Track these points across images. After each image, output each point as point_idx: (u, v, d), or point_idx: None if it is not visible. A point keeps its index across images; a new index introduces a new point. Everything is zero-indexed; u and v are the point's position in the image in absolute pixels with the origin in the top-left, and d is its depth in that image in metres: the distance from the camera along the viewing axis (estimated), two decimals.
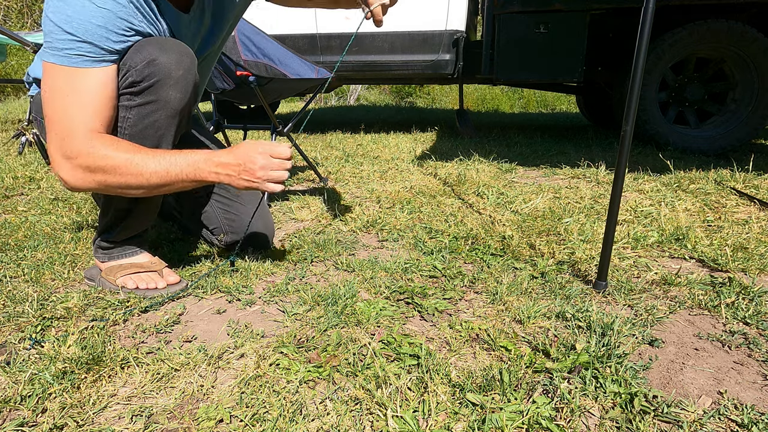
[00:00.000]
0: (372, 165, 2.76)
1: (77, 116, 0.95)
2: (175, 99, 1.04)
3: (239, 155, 1.02)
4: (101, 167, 0.96)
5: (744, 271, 1.26)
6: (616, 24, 3.44)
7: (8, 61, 7.60)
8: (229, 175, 1.02)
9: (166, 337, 0.96)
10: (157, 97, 1.02)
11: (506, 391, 0.77)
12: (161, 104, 1.03)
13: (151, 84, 1.00)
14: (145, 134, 1.05)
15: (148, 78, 1.00)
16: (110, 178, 0.97)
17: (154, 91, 1.01)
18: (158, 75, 1.00)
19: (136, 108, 1.03)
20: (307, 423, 0.71)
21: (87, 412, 0.73)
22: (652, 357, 0.88)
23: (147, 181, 0.99)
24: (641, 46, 1.00)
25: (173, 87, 1.02)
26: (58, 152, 0.97)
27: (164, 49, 1.01)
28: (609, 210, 1.10)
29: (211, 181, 1.04)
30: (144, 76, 0.99)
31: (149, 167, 0.98)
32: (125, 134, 1.05)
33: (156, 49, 1.00)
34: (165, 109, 1.04)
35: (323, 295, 1.10)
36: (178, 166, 1.00)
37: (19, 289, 1.14)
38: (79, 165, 0.96)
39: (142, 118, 1.04)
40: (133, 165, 0.97)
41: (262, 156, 1.02)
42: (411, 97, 10.81)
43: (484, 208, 1.87)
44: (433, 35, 3.89)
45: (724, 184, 2.14)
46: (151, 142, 1.07)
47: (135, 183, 0.98)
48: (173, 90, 1.03)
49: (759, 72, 3.00)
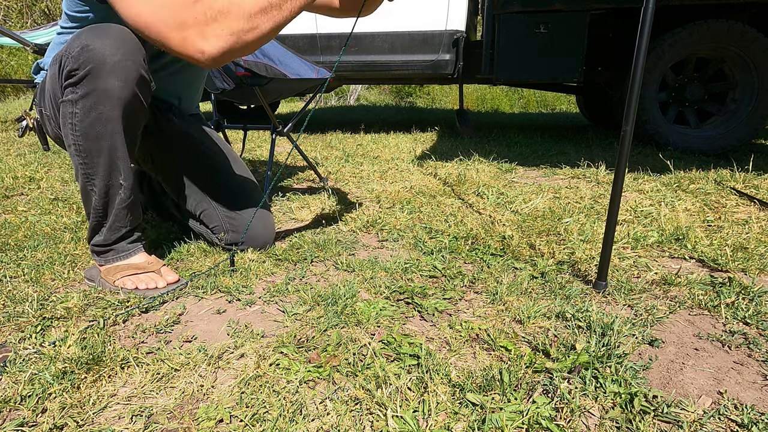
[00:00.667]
0: (372, 165, 2.76)
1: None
2: (114, 87, 0.97)
3: None
4: (221, 11, 0.91)
5: (744, 271, 1.26)
6: (616, 24, 3.44)
7: (8, 61, 7.61)
8: None
9: (166, 337, 0.96)
10: (94, 87, 0.97)
11: (506, 391, 0.77)
12: (100, 94, 0.97)
13: (87, 72, 0.95)
14: (96, 129, 1.01)
15: (83, 66, 0.95)
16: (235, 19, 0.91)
17: (91, 80, 0.96)
18: (92, 62, 0.95)
19: (80, 101, 0.98)
20: (307, 423, 0.71)
21: (87, 412, 0.73)
22: (652, 357, 0.88)
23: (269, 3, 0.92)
24: (641, 46, 1.00)
25: (110, 74, 0.96)
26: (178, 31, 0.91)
27: (100, 35, 0.95)
28: (609, 210, 1.10)
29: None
30: (79, 63, 0.95)
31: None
32: (77, 132, 1.02)
33: (91, 34, 0.95)
34: (106, 100, 0.98)
35: (323, 295, 1.10)
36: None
37: (19, 289, 1.14)
38: (203, 24, 0.91)
39: (87, 112, 0.99)
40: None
41: None
42: (411, 97, 10.81)
43: (484, 208, 1.87)
44: (433, 35, 3.89)
45: (724, 184, 2.14)
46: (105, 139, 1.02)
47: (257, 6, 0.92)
48: (111, 78, 0.96)
49: (759, 72, 3.00)
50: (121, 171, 1.10)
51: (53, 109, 1.13)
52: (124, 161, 1.10)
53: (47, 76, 1.10)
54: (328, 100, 9.91)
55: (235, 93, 2.00)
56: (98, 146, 1.05)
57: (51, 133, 1.22)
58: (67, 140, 1.06)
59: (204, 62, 0.95)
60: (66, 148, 1.15)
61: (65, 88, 1.00)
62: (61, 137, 1.18)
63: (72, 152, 1.07)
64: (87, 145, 1.05)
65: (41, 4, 8.61)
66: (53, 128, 1.18)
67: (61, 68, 0.98)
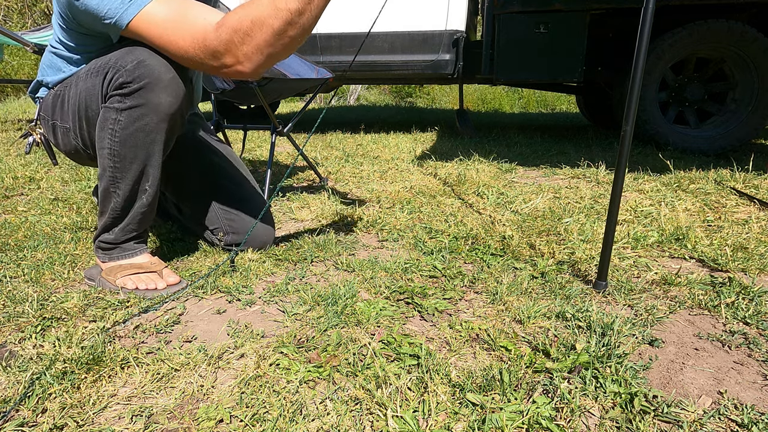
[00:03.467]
0: (372, 165, 2.76)
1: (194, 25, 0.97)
2: (165, 103, 1.03)
3: None
4: (245, 30, 0.94)
5: (744, 271, 1.26)
6: (616, 24, 3.44)
7: (8, 61, 7.61)
8: None
9: (166, 337, 0.96)
10: (146, 101, 1.02)
11: (506, 391, 0.77)
12: (151, 107, 1.02)
13: (141, 86, 1.00)
14: (136, 138, 1.05)
15: (137, 80, 1.00)
16: (261, 34, 0.94)
17: (143, 94, 1.01)
18: (148, 77, 1.00)
19: (126, 111, 1.02)
20: (307, 423, 0.71)
21: (87, 412, 0.73)
22: (652, 357, 0.88)
23: (289, 11, 0.93)
24: (641, 46, 1.00)
25: (163, 90, 1.02)
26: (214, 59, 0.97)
27: (155, 53, 1.01)
28: (609, 210, 1.10)
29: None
30: (134, 77, 0.99)
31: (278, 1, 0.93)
32: (116, 138, 1.05)
33: (146, 52, 1.01)
34: (155, 113, 1.03)
35: (323, 295, 1.10)
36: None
37: (19, 289, 1.14)
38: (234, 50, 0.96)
39: (133, 121, 1.03)
40: (264, 8, 0.93)
41: None
42: (411, 97, 10.81)
43: (484, 208, 1.87)
44: (433, 35, 3.89)
45: (724, 184, 2.14)
46: (142, 148, 1.07)
47: (282, 22, 0.93)
48: (163, 93, 1.02)
49: (759, 72, 3.00)
50: (150, 177, 1.14)
51: (78, 120, 1.15)
52: (155, 168, 1.13)
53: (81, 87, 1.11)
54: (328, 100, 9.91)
55: (235, 93, 2.00)
56: (134, 153, 1.09)
57: (62, 146, 1.23)
58: (101, 143, 1.09)
59: (248, 77, 1.02)
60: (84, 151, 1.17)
61: (110, 96, 1.04)
62: (75, 149, 1.20)
63: (104, 155, 1.09)
64: (123, 151, 1.08)
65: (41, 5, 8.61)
66: (72, 139, 1.19)
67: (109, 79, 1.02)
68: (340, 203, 1.94)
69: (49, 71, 1.19)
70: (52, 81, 1.19)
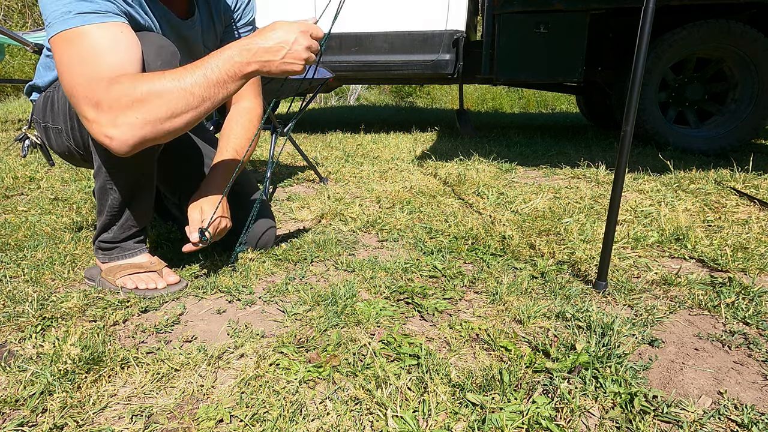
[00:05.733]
0: (372, 165, 2.76)
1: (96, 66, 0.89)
2: None
3: (279, 38, 0.93)
4: (138, 98, 0.87)
5: (744, 271, 1.26)
6: (616, 24, 3.44)
7: (8, 61, 7.61)
8: (270, 61, 0.94)
9: (166, 337, 0.96)
10: None
11: (506, 391, 0.77)
12: None
13: None
14: None
15: None
16: (153, 108, 0.88)
17: None
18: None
19: None
20: (307, 423, 0.71)
21: (87, 412, 0.73)
22: (652, 357, 0.88)
23: (191, 95, 0.90)
24: (641, 46, 1.00)
25: None
26: (92, 110, 0.88)
27: (142, 42, 0.98)
28: (609, 210, 1.10)
29: (251, 72, 0.94)
30: None
31: (186, 80, 0.90)
32: None
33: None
34: None
35: (323, 295, 1.10)
36: (215, 68, 0.92)
37: (19, 289, 1.14)
38: (117, 108, 0.87)
39: None
40: (169, 83, 0.89)
41: (305, 37, 0.95)
42: (411, 97, 10.81)
43: (484, 208, 1.87)
44: (433, 35, 3.89)
45: (724, 184, 2.14)
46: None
47: (181, 104, 0.90)
48: None
49: (759, 72, 3.00)
50: (146, 173, 1.13)
51: (69, 120, 1.13)
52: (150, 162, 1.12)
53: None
54: (328, 100, 9.92)
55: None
56: None
57: (56, 147, 1.22)
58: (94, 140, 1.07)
59: (113, 149, 0.91)
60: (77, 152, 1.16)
61: None
62: (68, 150, 1.20)
63: (99, 152, 1.07)
64: None
65: None
66: (65, 140, 1.18)
67: None
68: (340, 203, 1.94)
69: (43, 71, 1.18)
70: (43, 83, 1.18)
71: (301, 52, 0.95)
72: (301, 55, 0.95)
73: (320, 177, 2.36)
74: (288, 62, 0.95)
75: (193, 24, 1.17)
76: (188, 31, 1.16)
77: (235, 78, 0.94)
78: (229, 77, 0.93)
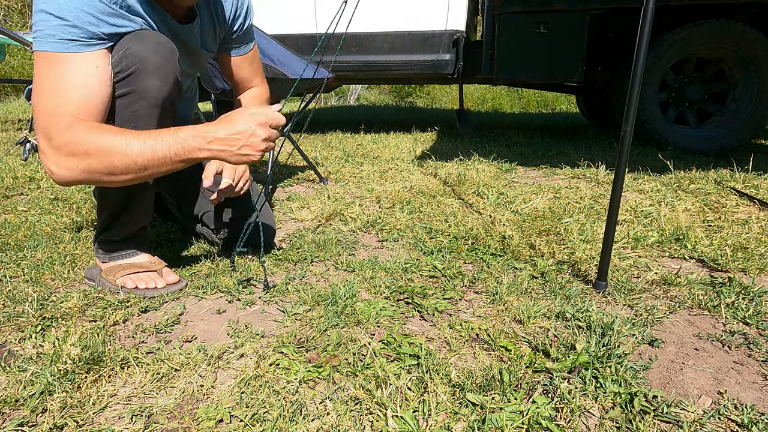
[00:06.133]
0: (372, 165, 2.76)
1: (62, 101, 0.92)
2: (153, 87, 1.01)
3: (237, 129, 0.95)
4: (85, 151, 0.91)
5: (744, 271, 1.26)
6: (616, 24, 3.44)
7: (8, 61, 7.61)
8: (225, 150, 0.95)
9: (166, 337, 0.96)
10: (135, 87, 1.00)
11: (506, 391, 0.77)
12: (140, 94, 1.01)
13: (129, 73, 0.99)
14: (127, 126, 1.03)
15: (125, 68, 0.98)
16: (94, 163, 0.91)
17: (132, 81, 1.00)
18: (135, 63, 0.98)
19: (117, 99, 1.01)
20: (307, 423, 0.71)
21: (87, 412, 0.73)
22: (652, 357, 0.88)
23: (134, 163, 0.92)
24: (641, 46, 1.00)
25: (151, 75, 1.00)
26: (44, 140, 0.93)
27: (140, 39, 0.99)
28: (609, 210, 1.10)
29: (202, 158, 0.97)
30: (121, 67, 0.98)
31: (133, 147, 0.92)
32: None
33: (131, 40, 0.99)
34: (145, 99, 1.01)
35: (323, 295, 1.10)
36: (165, 144, 0.93)
37: (19, 289, 1.14)
38: (63, 151, 0.91)
39: (124, 108, 1.02)
40: (116, 146, 0.91)
41: (263, 128, 0.97)
42: (411, 97, 10.81)
43: (484, 208, 1.87)
44: (433, 35, 3.89)
45: (724, 184, 2.14)
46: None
47: (121, 166, 0.92)
48: (151, 78, 1.00)
49: (759, 72, 3.00)
50: None
51: None
52: None
53: None
54: (328, 100, 9.92)
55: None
56: None
57: None
58: None
59: (53, 179, 0.96)
60: None
61: None
62: None
63: None
64: None
65: None
66: None
67: None
68: (340, 203, 1.94)
69: None
70: None
71: (258, 144, 0.97)
72: (259, 147, 0.97)
73: (320, 177, 2.36)
74: (244, 153, 0.97)
75: (192, 28, 1.17)
76: (187, 35, 1.16)
77: (183, 159, 0.95)
78: (177, 157, 0.95)
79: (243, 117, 0.96)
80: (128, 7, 0.99)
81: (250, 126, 0.96)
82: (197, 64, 1.30)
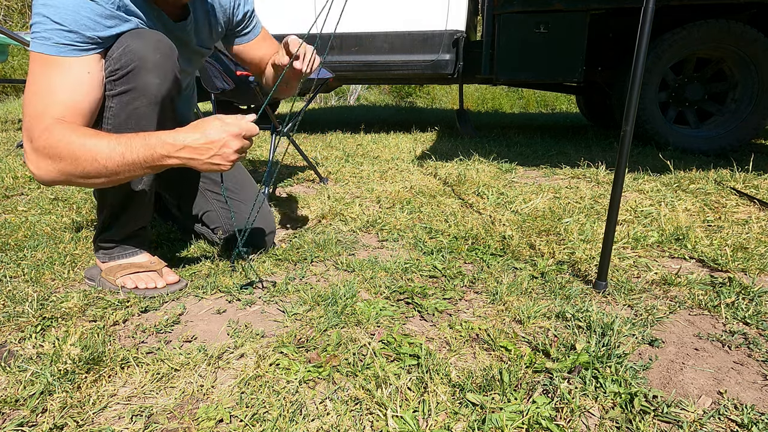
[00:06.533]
0: (372, 165, 2.76)
1: (49, 104, 0.93)
2: (153, 84, 1.02)
3: (209, 138, 0.94)
4: (58, 154, 0.91)
5: (744, 271, 1.26)
6: (616, 24, 3.44)
7: (8, 61, 7.61)
8: (194, 159, 0.95)
9: (166, 337, 0.96)
10: (135, 84, 1.00)
11: (506, 391, 0.77)
12: (140, 91, 1.01)
13: (128, 70, 0.99)
14: (128, 124, 1.04)
15: (125, 65, 0.99)
16: (68, 166, 0.92)
17: (132, 78, 1.00)
18: (135, 61, 0.98)
19: (117, 97, 1.02)
20: (307, 423, 0.71)
21: (87, 412, 0.73)
22: (652, 357, 0.88)
23: (104, 168, 0.92)
24: (641, 46, 1.00)
25: (151, 72, 1.00)
26: (27, 141, 0.94)
27: (139, 37, 1.00)
28: (609, 210, 1.10)
29: (172, 165, 0.96)
30: (121, 64, 0.99)
31: (103, 152, 0.91)
32: (108, 125, 1.04)
33: (131, 37, 0.99)
34: (145, 96, 1.02)
35: (323, 295, 1.10)
36: (134, 150, 0.92)
37: (19, 289, 1.14)
38: (41, 153, 0.92)
39: (124, 106, 1.02)
40: (87, 150, 0.91)
41: (236, 139, 0.95)
42: (411, 97, 10.81)
43: (484, 208, 1.87)
44: (433, 35, 3.89)
45: (724, 184, 2.14)
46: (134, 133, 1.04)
47: (93, 170, 0.92)
48: (151, 75, 1.01)
49: (759, 72, 3.00)
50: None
51: None
52: None
53: None
54: (328, 100, 9.92)
55: (235, 93, 2.00)
56: None
57: None
58: None
59: (35, 178, 0.97)
60: None
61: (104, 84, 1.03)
62: None
63: None
64: None
65: None
66: None
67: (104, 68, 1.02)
68: (340, 203, 1.94)
69: None
70: None
71: (229, 155, 0.96)
72: (230, 158, 0.96)
73: (320, 177, 2.36)
74: (215, 162, 0.96)
75: (186, 26, 1.17)
76: (181, 32, 1.16)
77: (152, 165, 0.95)
78: (146, 162, 0.94)
79: (216, 126, 0.95)
80: (125, 7, 0.99)
81: (222, 136, 0.94)
82: (194, 61, 1.30)
